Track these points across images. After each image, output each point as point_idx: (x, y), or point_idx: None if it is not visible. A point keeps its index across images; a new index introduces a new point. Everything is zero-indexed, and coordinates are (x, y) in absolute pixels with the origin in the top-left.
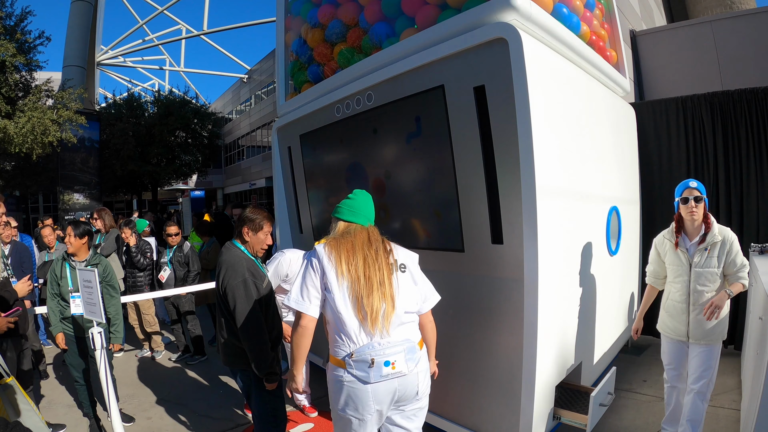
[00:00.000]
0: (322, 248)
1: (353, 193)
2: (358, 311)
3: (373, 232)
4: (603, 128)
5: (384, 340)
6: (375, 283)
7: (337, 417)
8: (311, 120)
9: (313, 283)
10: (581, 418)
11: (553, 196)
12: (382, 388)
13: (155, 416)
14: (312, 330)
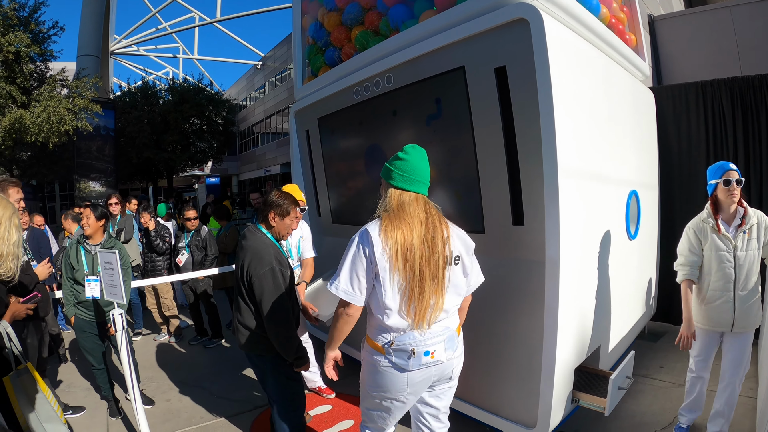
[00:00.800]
0: (377, 234)
1: (405, 150)
2: (407, 310)
3: (431, 211)
4: (623, 112)
5: (426, 332)
6: (428, 280)
7: (368, 395)
8: (329, 103)
9: (363, 271)
10: (600, 401)
11: (575, 177)
12: (419, 375)
13: (174, 398)
14: (357, 318)
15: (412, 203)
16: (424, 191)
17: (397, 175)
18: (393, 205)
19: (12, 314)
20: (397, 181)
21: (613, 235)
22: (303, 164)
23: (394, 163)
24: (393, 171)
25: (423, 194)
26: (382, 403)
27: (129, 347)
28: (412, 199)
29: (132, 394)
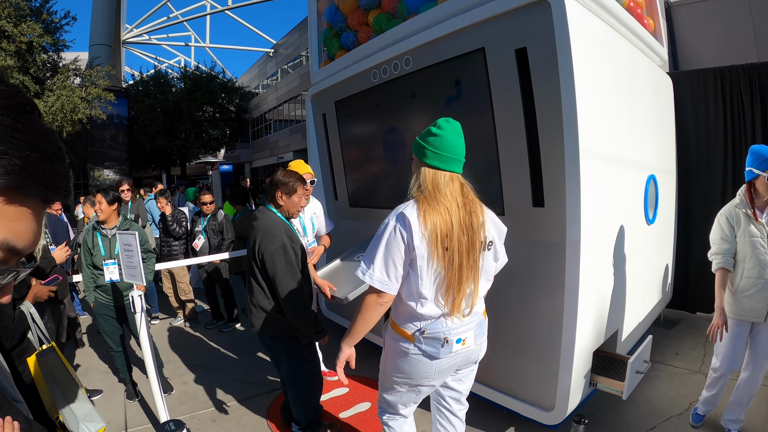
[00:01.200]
0: (415, 218)
1: (438, 125)
2: (445, 299)
3: (467, 193)
4: (642, 96)
5: (458, 320)
6: (465, 268)
7: (390, 381)
8: (346, 86)
9: (400, 258)
10: (618, 384)
11: (596, 158)
12: (447, 362)
13: (191, 381)
14: (388, 307)
15: (448, 184)
16: (459, 170)
17: (430, 152)
18: (428, 186)
19: (34, 295)
20: (430, 160)
21: (632, 219)
22: (320, 148)
23: (427, 140)
24: (426, 148)
25: (458, 173)
26: (405, 389)
27: (147, 327)
28: (447, 179)
29: (150, 375)
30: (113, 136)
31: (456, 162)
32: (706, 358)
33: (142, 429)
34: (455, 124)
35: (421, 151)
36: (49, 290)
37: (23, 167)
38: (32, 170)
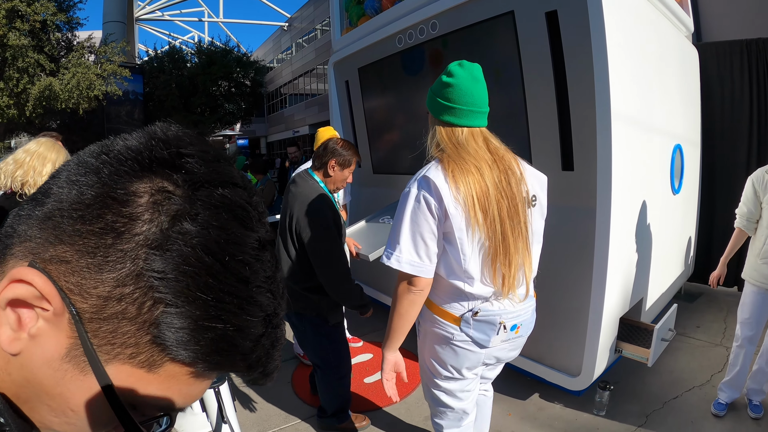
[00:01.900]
0: (443, 181)
1: (449, 71)
2: (493, 277)
3: (495, 148)
4: (670, 65)
5: (513, 302)
6: (511, 236)
7: (428, 363)
8: (370, 52)
9: (431, 232)
10: (643, 351)
11: (627, 124)
12: (496, 349)
13: None
14: (427, 294)
15: (469, 141)
16: (481, 123)
17: (442, 106)
18: (448, 144)
19: None
20: (443, 114)
21: (659, 187)
22: (342, 115)
23: (438, 91)
24: (438, 101)
25: (481, 127)
26: (453, 383)
27: None
28: (467, 135)
29: None
30: (129, 113)
31: (475, 114)
32: (727, 332)
33: None
34: (471, 68)
35: (434, 105)
36: None
37: (232, 344)
38: (240, 349)
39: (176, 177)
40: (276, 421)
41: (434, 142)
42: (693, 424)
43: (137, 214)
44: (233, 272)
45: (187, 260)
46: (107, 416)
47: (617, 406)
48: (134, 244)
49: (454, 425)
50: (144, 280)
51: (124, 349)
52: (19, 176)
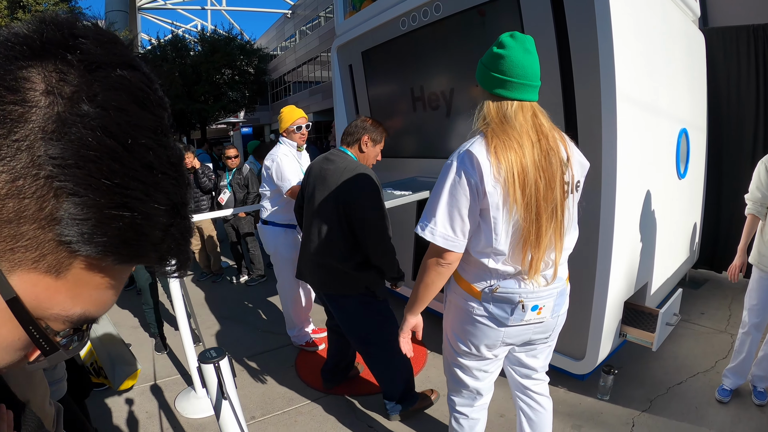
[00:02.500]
0: (485, 157)
1: (501, 42)
2: (522, 257)
3: (543, 126)
4: (676, 50)
5: (541, 283)
6: (544, 218)
7: (449, 336)
8: (374, 36)
9: (467, 209)
10: (648, 336)
11: (632, 105)
12: (516, 331)
13: (218, 333)
14: (455, 269)
15: (518, 115)
16: (532, 97)
17: (493, 78)
18: (493, 119)
19: None
20: (493, 87)
21: (665, 171)
22: (346, 99)
23: (488, 63)
24: (489, 73)
25: (532, 101)
26: (471, 360)
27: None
28: (516, 109)
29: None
30: None
31: (526, 88)
32: (731, 319)
33: (171, 380)
34: (523, 39)
35: (484, 78)
36: None
37: (141, 233)
38: (150, 239)
39: (71, 58)
40: (280, 404)
41: (481, 115)
42: (697, 410)
43: (30, 100)
44: (137, 156)
45: (88, 144)
46: (17, 336)
47: (621, 390)
48: (28, 132)
49: (467, 404)
50: (42, 169)
51: (26, 254)
52: None
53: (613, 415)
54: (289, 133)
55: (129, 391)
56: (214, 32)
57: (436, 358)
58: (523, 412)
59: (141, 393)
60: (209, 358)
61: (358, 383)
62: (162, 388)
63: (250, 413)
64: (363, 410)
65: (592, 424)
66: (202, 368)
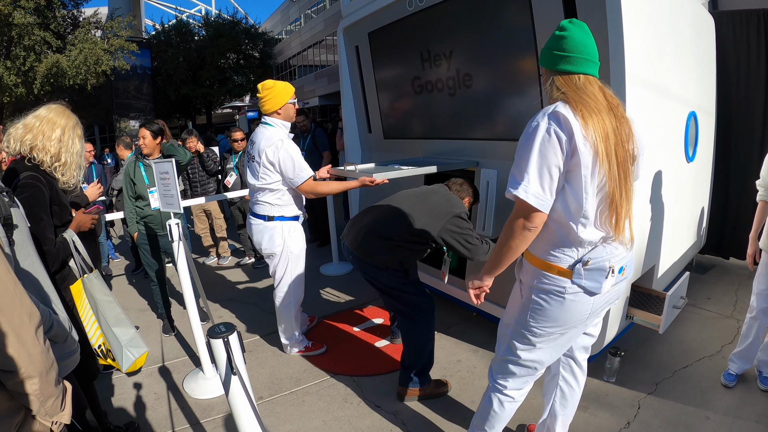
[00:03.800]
0: (571, 114)
1: (561, 26)
2: (609, 219)
3: (612, 98)
4: (686, 32)
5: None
6: (624, 176)
7: (525, 319)
8: (380, 16)
9: (557, 168)
10: (655, 318)
11: (641, 86)
12: (603, 299)
13: (226, 315)
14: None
15: (587, 86)
16: (594, 72)
17: (558, 56)
18: (568, 87)
19: (78, 224)
20: (560, 65)
21: (673, 154)
22: (353, 81)
23: (551, 45)
24: (553, 53)
25: (594, 76)
26: (553, 340)
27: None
28: (584, 81)
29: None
30: (137, 87)
31: (588, 63)
32: (738, 305)
33: (179, 361)
34: (580, 24)
35: (549, 58)
36: (92, 218)
37: None
38: None
39: None
40: (287, 385)
41: (554, 87)
42: (702, 393)
43: None
44: None
45: None
46: None
47: (627, 373)
48: None
49: (519, 386)
50: None
51: None
52: (28, 140)
53: (619, 397)
54: (286, 110)
55: (137, 373)
56: (218, 16)
57: (442, 338)
58: (561, 388)
59: (149, 375)
60: (218, 333)
61: (365, 364)
62: (170, 370)
63: (257, 394)
64: (370, 390)
65: (598, 406)
66: (211, 343)
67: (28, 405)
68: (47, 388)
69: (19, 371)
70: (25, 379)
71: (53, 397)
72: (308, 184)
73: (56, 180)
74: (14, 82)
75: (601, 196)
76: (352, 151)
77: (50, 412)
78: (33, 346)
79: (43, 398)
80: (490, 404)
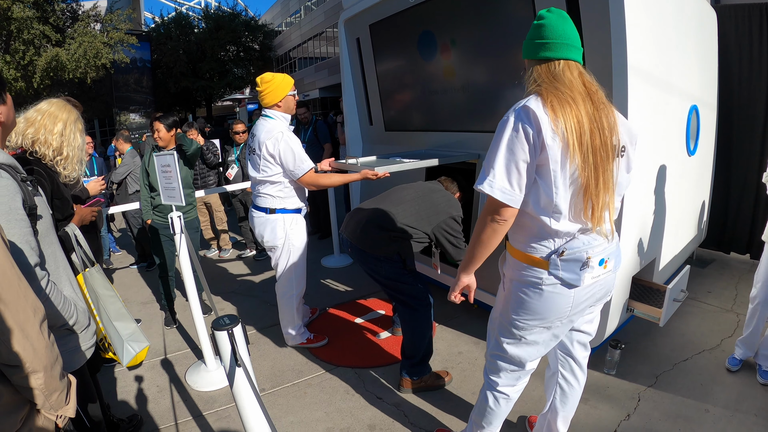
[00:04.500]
0: (542, 111)
1: (539, 15)
2: (584, 210)
3: (591, 85)
4: (688, 26)
5: (602, 235)
6: (601, 164)
7: (509, 312)
8: (382, 8)
9: (525, 163)
10: (655, 311)
11: (642, 80)
12: (585, 293)
13: (227, 307)
14: (510, 226)
15: (566, 72)
16: (575, 56)
17: (536, 45)
18: (543, 79)
19: (80, 218)
20: (539, 52)
21: (674, 147)
22: (353, 73)
23: (530, 35)
24: (533, 42)
25: (576, 61)
26: (537, 333)
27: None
28: (563, 67)
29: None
30: (137, 80)
31: (569, 47)
32: (738, 298)
33: (181, 354)
34: (559, 12)
35: (529, 48)
36: (93, 212)
37: None
38: None
39: None
40: (289, 377)
41: (531, 79)
42: (702, 386)
43: None
44: None
45: None
46: None
47: (628, 366)
48: None
49: (511, 383)
50: None
51: None
52: (30, 134)
53: (619, 390)
54: (286, 102)
55: (140, 366)
56: (218, 9)
57: (444, 330)
58: (560, 386)
59: (152, 367)
60: (223, 324)
61: (367, 356)
62: (173, 362)
63: (260, 385)
64: (372, 382)
65: (599, 398)
66: (216, 335)
67: (33, 399)
68: (52, 382)
69: (24, 366)
70: (29, 373)
71: (58, 391)
72: (309, 176)
73: (58, 174)
74: (14, 77)
75: (575, 188)
76: (353, 143)
77: (55, 406)
78: (38, 340)
79: (48, 392)
80: (486, 401)
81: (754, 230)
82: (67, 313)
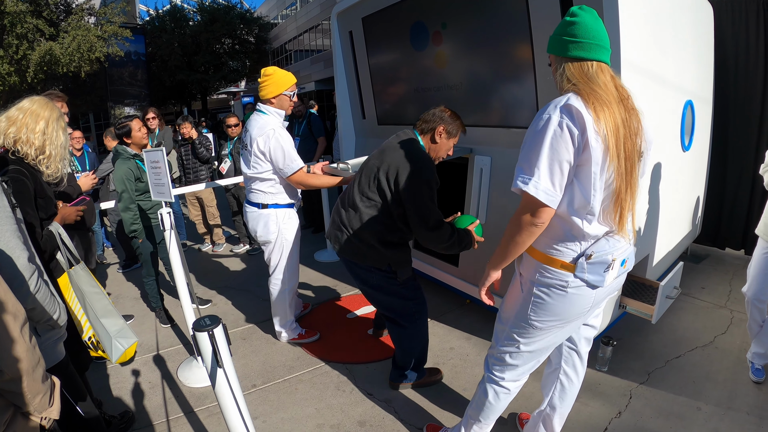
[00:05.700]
0: (585, 110)
1: (571, 12)
2: (613, 213)
3: (622, 89)
4: (683, 19)
5: (626, 237)
6: (629, 167)
7: (526, 313)
8: (375, 1)
9: (568, 163)
10: (648, 308)
11: (637, 74)
12: (605, 291)
13: (220, 302)
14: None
15: (599, 75)
16: (606, 58)
17: (569, 43)
18: (579, 79)
19: (62, 217)
20: (571, 51)
21: (669, 143)
22: (346, 67)
23: (561, 31)
24: (564, 39)
25: (606, 63)
26: (552, 334)
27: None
28: (596, 69)
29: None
30: (132, 74)
31: (601, 49)
32: (732, 295)
33: (173, 350)
34: (590, 10)
35: (559, 45)
36: (77, 211)
37: None
38: None
39: None
40: (280, 372)
41: (564, 77)
42: (695, 384)
43: None
44: None
45: None
46: None
47: (619, 362)
48: None
49: (515, 378)
50: None
51: None
52: (11, 133)
53: (611, 386)
54: (280, 100)
55: (131, 362)
56: (213, 1)
57: (435, 326)
58: (561, 382)
59: (144, 363)
60: (204, 326)
61: (358, 352)
62: (164, 359)
63: (251, 381)
64: (363, 378)
65: (590, 395)
66: (197, 336)
67: (16, 403)
68: (34, 385)
69: (5, 370)
70: (12, 378)
71: (41, 393)
72: (298, 176)
73: (41, 173)
74: (7, 71)
75: (608, 192)
76: (346, 137)
77: (38, 409)
78: (19, 344)
79: (31, 395)
80: (485, 395)
81: (749, 226)
82: (52, 309)
